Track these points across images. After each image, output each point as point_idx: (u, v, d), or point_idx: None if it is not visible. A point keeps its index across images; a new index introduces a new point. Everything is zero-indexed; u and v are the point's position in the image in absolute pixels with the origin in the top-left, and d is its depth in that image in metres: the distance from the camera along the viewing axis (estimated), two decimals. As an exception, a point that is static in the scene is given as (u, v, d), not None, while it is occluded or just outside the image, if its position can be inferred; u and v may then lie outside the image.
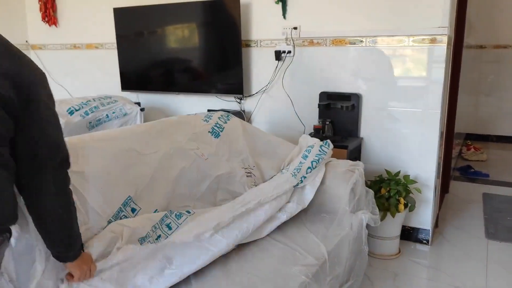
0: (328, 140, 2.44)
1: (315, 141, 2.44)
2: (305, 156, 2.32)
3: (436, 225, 3.25)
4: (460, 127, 4.82)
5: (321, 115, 3.11)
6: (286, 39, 3.15)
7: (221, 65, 3.41)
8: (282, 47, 3.17)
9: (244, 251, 1.87)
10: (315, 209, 2.31)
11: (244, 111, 3.42)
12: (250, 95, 3.41)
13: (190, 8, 3.38)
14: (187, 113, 2.73)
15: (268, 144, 2.52)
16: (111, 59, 3.86)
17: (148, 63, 3.72)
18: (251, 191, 2.14)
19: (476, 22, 5.31)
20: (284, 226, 2.12)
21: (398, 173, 2.86)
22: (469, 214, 3.53)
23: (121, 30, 3.70)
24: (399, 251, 2.88)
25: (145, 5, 3.54)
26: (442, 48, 2.72)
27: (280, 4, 3.14)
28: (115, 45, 3.78)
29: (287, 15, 3.15)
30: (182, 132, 2.21)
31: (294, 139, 3.13)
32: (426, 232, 3.00)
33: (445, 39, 2.70)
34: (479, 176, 4.56)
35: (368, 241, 2.28)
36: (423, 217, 2.98)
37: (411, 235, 3.04)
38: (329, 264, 1.86)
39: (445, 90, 2.86)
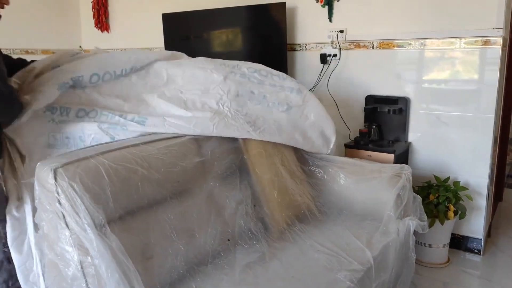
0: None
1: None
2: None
3: (489, 234, 3.12)
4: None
5: (367, 119, 3.06)
6: (332, 42, 3.13)
7: (266, 68, 3.42)
8: (328, 50, 3.15)
9: (288, 255, 1.88)
10: (359, 214, 2.28)
11: (288, 114, 3.41)
12: (295, 99, 3.40)
13: (235, 13, 3.42)
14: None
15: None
16: (159, 63, 3.97)
17: (195, 67, 3.79)
18: None
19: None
20: (328, 231, 2.11)
21: (447, 179, 2.77)
22: (524, 224, 3.37)
23: (169, 35, 3.80)
24: (449, 260, 2.79)
25: (192, 10, 3.62)
26: (496, 50, 2.62)
27: (326, 7, 3.13)
28: (163, 49, 3.88)
29: (333, 18, 3.13)
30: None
31: (340, 143, 3.11)
32: (478, 241, 2.88)
33: (499, 40, 2.59)
34: (535, 184, 4.34)
35: (415, 248, 2.22)
36: (474, 226, 2.87)
37: (462, 243, 2.93)
38: (375, 270, 1.83)
39: (499, 93, 2.74)
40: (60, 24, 4.52)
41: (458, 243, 2.93)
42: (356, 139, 2.97)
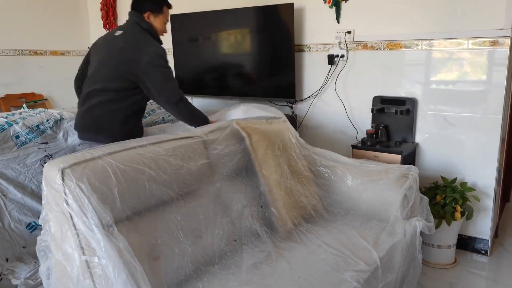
0: None
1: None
2: None
3: (496, 235, 3.10)
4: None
5: (374, 119, 3.06)
6: (340, 43, 3.13)
7: (274, 69, 3.43)
8: (335, 51, 3.15)
9: (294, 255, 1.88)
10: (366, 214, 2.28)
11: (296, 115, 3.42)
12: (302, 100, 3.41)
13: (243, 14, 3.43)
14: (240, 117, 2.77)
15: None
16: (167, 64, 3.99)
17: (203, 68, 3.81)
18: None
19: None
20: (334, 231, 2.11)
21: (454, 180, 2.76)
22: (533, 225, 3.35)
23: (177, 35, 3.81)
24: (455, 261, 2.78)
25: (201, 11, 3.63)
26: (504, 51, 2.60)
27: (334, 8, 3.13)
28: (171, 50, 3.89)
29: (341, 19, 3.13)
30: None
31: (347, 144, 3.11)
32: (485, 242, 2.86)
33: (507, 41, 2.58)
34: (544, 185, 4.30)
35: (422, 249, 2.22)
36: (481, 227, 2.86)
37: (469, 244, 2.92)
38: (381, 271, 1.83)
39: (507, 94, 2.73)
40: (69, 25, 4.56)
41: (465, 244, 2.92)
42: (363, 140, 2.97)
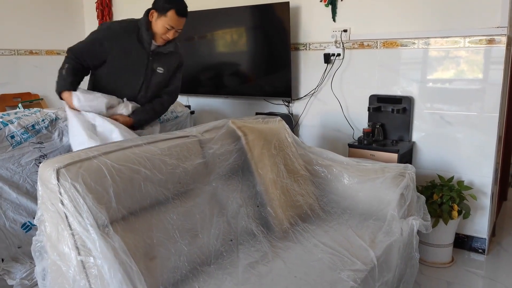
0: None
1: None
2: None
3: (493, 233, 3.10)
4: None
5: (371, 118, 3.06)
6: (336, 41, 3.13)
7: (270, 68, 3.42)
8: (332, 50, 3.15)
9: (291, 255, 1.88)
10: (362, 213, 2.28)
11: (292, 114, 3.42)
12: (298, 98, 3.40)
13: (239, 13, 3.42)
14: (235, 116, 2.76)
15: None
16: (163, 63, 3.97)
17: (198, 67, 3.80)
18: None
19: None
20: (331, 231, 2.11)
21: (451, 179, 2.76)
22: (529, 224, 3.35)
23: (173, 35, 3.79)
24: (453, 260, 2.78)
25: (196, 10, 3.61)
26: (501, 49, 2.60)
27: (330, 7, 3.12)
28: (167, 50, 3.88)
29: (337, 17, 3.13)
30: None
31: (343, 143, 3.11)
32: (482, 241, 2.87)
33: (504, 39, 2.58)
34: (540, 183, 4.31)
35: (419, 248, 2.21)
36: (479, 225, 2.86)
37: (466, 243, 2.92)
38: (378, 270, 1.82)
39: (504, 92, 2.73)
40: (64, 25, 4.54)
41: (462, 242, 2.92)
42: (359, 139, 2.96)
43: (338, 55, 3.13)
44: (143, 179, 1.66)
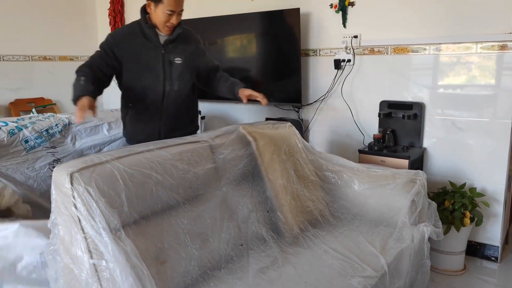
0: None
1: None
2: None
3: (506, 241, 3.07)
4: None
5: (381, 124, 3.05)
6: (346, 47, 3.13)
7: (280, 74, 3.43)
8: (342, 55, 3.15)
9: (301, 260, 1.87)
10: (373, 219, 2.27)
11: (302, 120, 3.42)
12: (308, 104, 3.41)
13: (250, 19, 3.44)
14: (246, 121, 2.77)
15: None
16: (174, 69, 4.01)
17: (209, 73, 3.81)
18: None
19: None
20: (341, 237, 2.10)
21: (463, 186, 2.74)
22: (543, 231, 3.30)
23: (184, 41, 3.83)
24: (465, 267, 2.75)
25: (207, 16, 3.65)
26: (513, 55, 2.59)
27: (340, 13, 3.13)
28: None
29: (347, 23, 3.13)
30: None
31: (353, 149, 3.10)
32: (495, 248, 2.83)
33: (516, 45, 2.56)
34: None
35: (431, 255, 2.20)
36: (491, 233, 2.83)
37: (478, 251, 2.89)
38: (389, 277, 1.81)
39: (516, 98, 2.71)
40: (77, 31, 4.60)
41: (475, 250, 2.89)
42: (370, 145, 2.96)
43: (349, 61, 3.13)
44: (155, 184, 1.68)
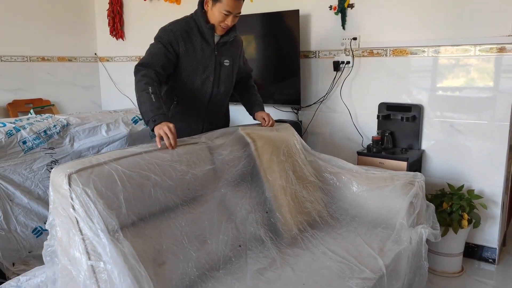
0: None
1: None
2: None
3: (504, 243, 3.07)
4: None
5: (380, 126, 3.05)
6: (345, 49, 3.13)
7: (279, 76, 3.44)
8: (341, 57, 3.16)
9: (299, 262, 1.87)
10: (371, 221, 2.27)
11: (301, 121, 3.42)
12: (307, 106, 3.41)
13: (249, 21, 3.44)
14: (244, 123, 2.77)
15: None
16: (173, 70, 4.00)
17: (208, 74, 3.81)
18: None
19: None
20: (340, 238, 2.10)
21: (461, 188, 2.74)
22: (541, 234, 3.31)
23: (183, 42, 3.83)
24: (462, 269, 2.75)
25: (206, 18, 3.64)
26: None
27: (340, 15, 3.13)
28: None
29: (347, 25, 3.14)
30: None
31: (352, 151, 3.10)
32: (493, 250, 2.84)
33: (515, 47, 2.57)
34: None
35: (429, 257, 2.20)
36: (489, 235, 2.83)
37: (476, 253, 2.89)
38: (387, 279, 1.81)
39: (514, 101, 2.71)
40: (76, 32, 4.60)
41: (473, 252, 2.89)
42: (369, 147, 2.96)
43: (348, 63, 3.14)
44: (153, 185, 1.68)
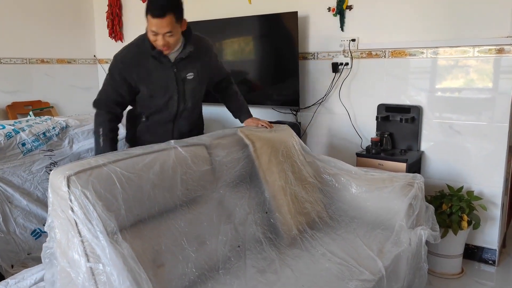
0: None
1: None
2: None
3: (504, 245, 3.07)
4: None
5: (379, 127, 3.05)
6: (344, 51, 3.14)
7: (278, 77, 3.44)
8: (340, 59, 3.16)
9: (298, 263, 1.87)
10: (370, 223, 2.27)
11: (300, 123, 3.42)
12: (306, 107, 3.41)
13: (248, 22, 3.44)
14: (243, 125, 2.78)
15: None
16: (172, 72, 4.00)
17: (207, 76, 3.81)
18: None
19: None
20: (339, 239, 2.10)
21: (461, 189, 2.74)
22: (540, 235, 3.31)
23: (182, 44, 3.83)
24: (462, 271, 2.75)
25: (205, 20, 3.65)
26: (510, 59, 2.60)
27: (338, 16, 3.13)
28: (176, 58, 3.92)
29: (345, 27, 3.14)
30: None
31: (351, 152, 3.10)
32: (492, 252, 2.84)
33: (513, 49, 2.57)
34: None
35: (428, 258, 2.20)
36: (489, 236, 2.83)
37: (476, 254, 2.89)
38: (386, 280, 1.81)
39: (513, 102, 2.72)
40: (75, 34, 4.59)
41: (472, 253, 2.89)
42: (368, 148, 2.96)
43: (346, 64, 3.14)
44: (152, 187, 1.67)
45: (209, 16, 3.66)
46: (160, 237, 1.65)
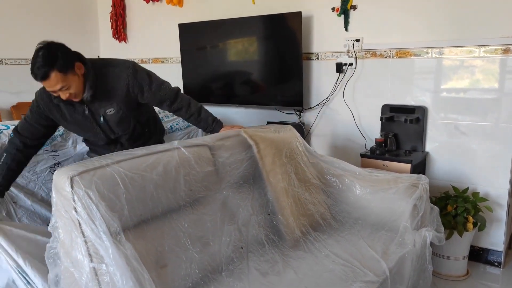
0: None
1: None
2: None
3: (509, 246, 3.05)
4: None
5: (383, 128, 3.04)
6: (348, 51, 3.13)
7: (281, 78, 3.43)
8: (344, 59, 3.15)
9: (302, 265, 1.86)
10: (374, 224, 2.25)
11: (303, 123, 3.41)
12: (310, 108, 3.40)
13: (251, 23, 3.44)
14: (247, 125, 2.77)
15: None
16: (175, 72, 4.01)
17: (210, 76, 3.82)
18: None
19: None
20: (343, 241, 2.09)
21: (466, 190, 2.72)
22: (546, 236, 3.28)
23: (185, 45, 3.83)
24: (468, 273, 2.73)
25: (209, 20, 3.65)
26: (516, 59, 2.58)
27: (342, 16, 3.12)
28: (179, 59, 3.92)
29: (349, 27, 3.13)
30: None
31: (355, 153, 3.09)
32: (498, 253, 2.82)
33: (519, 49, 2.56)
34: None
35: (433, 260, 2.18)
36: (494, 238, 2.81)
37: (481, 256, 2.87)
38: (391, 282, 1.80)
39: (519, 103, 2.70)
40: (79, 35, 4.60)
41: (478, 255, 2.87)
42: (372, 149, 2.95)
43: (351, 64, 3.13)
44: (155, 187, 1.67)
45: (212, 16, 3.66)
46: (163, 238, 1.65)
